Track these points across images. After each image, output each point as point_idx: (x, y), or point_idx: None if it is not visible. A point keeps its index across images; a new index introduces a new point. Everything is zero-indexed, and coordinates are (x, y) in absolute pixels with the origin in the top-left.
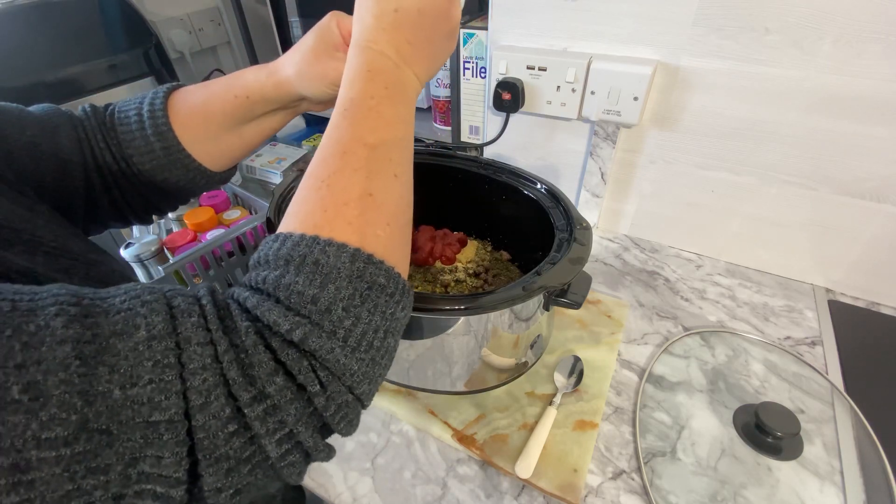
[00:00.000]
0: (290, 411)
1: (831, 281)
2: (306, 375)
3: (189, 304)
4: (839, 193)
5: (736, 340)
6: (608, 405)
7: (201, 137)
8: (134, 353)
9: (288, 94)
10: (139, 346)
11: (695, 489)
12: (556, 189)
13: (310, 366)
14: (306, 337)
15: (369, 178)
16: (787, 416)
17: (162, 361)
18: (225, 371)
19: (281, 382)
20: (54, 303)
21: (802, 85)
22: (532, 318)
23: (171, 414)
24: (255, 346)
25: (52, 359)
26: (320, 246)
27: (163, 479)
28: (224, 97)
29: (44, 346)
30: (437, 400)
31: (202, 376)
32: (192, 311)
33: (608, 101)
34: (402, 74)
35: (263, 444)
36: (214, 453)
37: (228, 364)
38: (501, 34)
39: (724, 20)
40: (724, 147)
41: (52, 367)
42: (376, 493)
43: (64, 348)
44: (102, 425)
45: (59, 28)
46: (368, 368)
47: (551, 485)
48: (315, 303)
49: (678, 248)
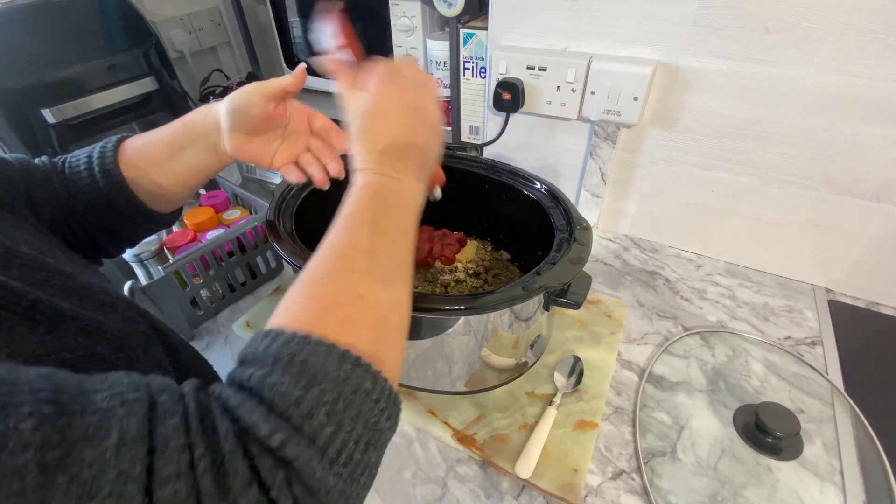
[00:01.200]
0: None
1: (831, 281)
2: (280, 490)
3: (173, 404)
4: (839, 193)
5: (736, 340)
6: (608, 405)
7: (142, 174)
8: (100, 461)
9: (214, 128)
10: (106, 454)
11: (695, 489)
12: (556, 189)
13: (285, 479)
14: (285, 443)
15: (361, 281)
16: (787, 416)
17: (127, 472)
18: (199, 480)
19: (254, 496)
20: (31, 399)
21: (802, 85)
22: (532, 318)
23: None
24: (232, 453)
25: (10, 466)
26: (310, 345)
27: None
28: (164, 130)
29: (5, 451)
30: (437, 400)
31: (174, 486)
32: (174, 412)
33: (608, 101)
34: (402, 185)
35: None
36: None
37: (203, 472)
38: (501, 34)
39: (724, 20)
40: (724, 147)
41: (7, 475)
42: (376, 493)
43: (25, 455)
44: None
45: (59, 28)
46: (346, 486)
47: (551, 485)
48: (298, 405)
49: (678, 248)
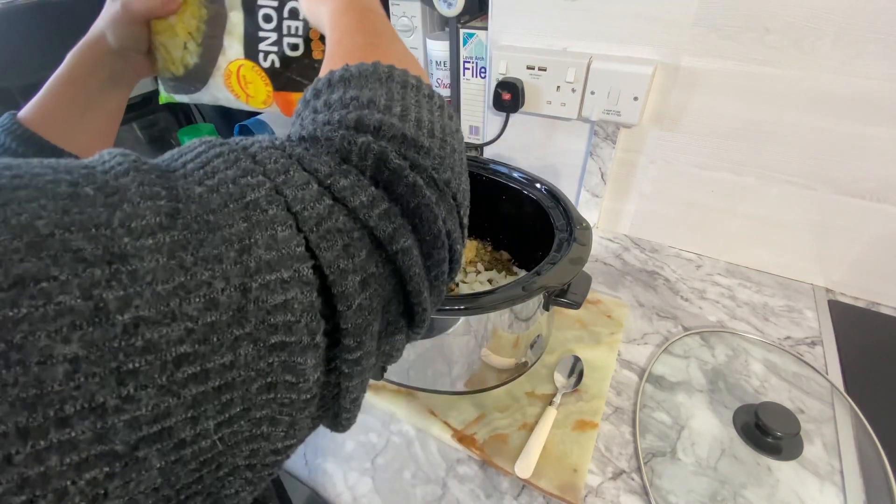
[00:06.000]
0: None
1: (831, 281)
2: (376, 140)
3: None
4: (839, 193)
5: (736, 340)
6: (608, 405)
7: (59, 134)
8: (199, 158)
9: (104, 54)
10: (202, 154)
11: (695, 489)
12: (556, 189)
13: (373, 137)
14: (361, 116)
15: (366, 37)
16: (787, 416)
17: (230, 154)
18: (290, 153)
19: (356, 153)
20: None
21: (802, 85)
22: (532, 318)
23: (266, 189)
24: (313, 133)
25: (118, 164)
26: (340, 69)
27: (284, 259)
28: (60, 91)
29: (106, 162)
30: (437, 400)
31: (272, 158)
32: (242, 138)
33: (608, 101)
34: None
35: (364, 218)
36: (322, 225)
37: (291, 147)
38: (501, 34)
39: (724, 20)
40: (724, 147)
41: (120, 170)
42: (376, 493)
43: (128, 157)
44: (196, 215)
45: (59, 28)
46: (441, 152)
47: (551, 485)
48: (356, 99)
49: (678, 248)
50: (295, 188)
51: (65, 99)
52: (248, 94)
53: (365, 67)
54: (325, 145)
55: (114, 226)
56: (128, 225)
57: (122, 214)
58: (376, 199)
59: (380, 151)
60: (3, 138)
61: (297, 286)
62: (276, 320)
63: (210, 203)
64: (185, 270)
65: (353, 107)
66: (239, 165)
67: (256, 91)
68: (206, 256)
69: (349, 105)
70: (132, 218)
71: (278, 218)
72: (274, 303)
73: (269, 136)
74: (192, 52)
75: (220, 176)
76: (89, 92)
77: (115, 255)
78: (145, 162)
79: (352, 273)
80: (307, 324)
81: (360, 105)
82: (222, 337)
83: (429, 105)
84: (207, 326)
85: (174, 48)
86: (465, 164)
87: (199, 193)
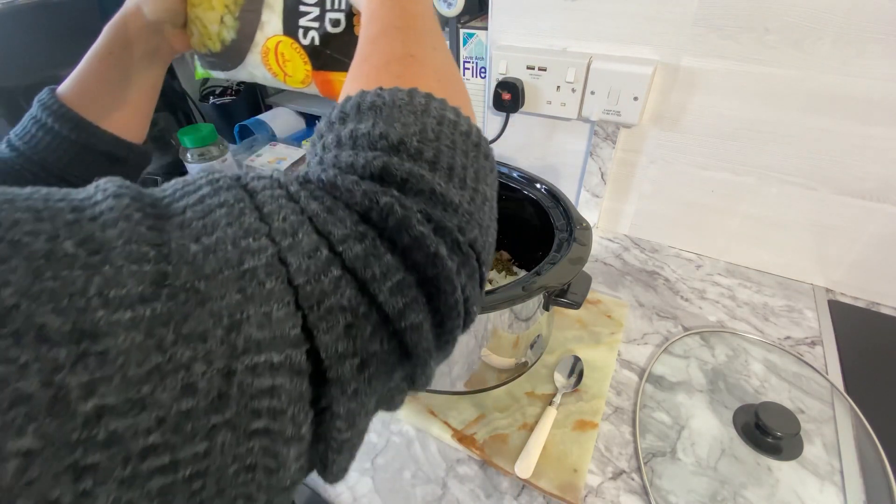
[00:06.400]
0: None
1: (831, 281)
2: (399, 199)
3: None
4: (839, 193)
5: (736, 340)
6: (608, 405)
7: (97, 111)
8: (201, 205)
9: (140, 28)
10: (205, 199)
11: (695, 489)
12: (556, 189)
13: (397, 195)
14: (387, 165)
15: (406, 45)
16: (787, 416)
17: (236, 205)
18: (304, 207)
19: (376, 213)
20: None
21: (802, 85)
22: (532, 318)
23: (268, 256)
24: (333, 180)
25: (108, 210)
26: (371, 94)
27: (277, 341)
28: (97, 68)
29: (98, 204)
30: (437, 400)
31: (281, 214)
32: (255, 177)
33: (608, 101)
34: None
35: (374, 292)
36: (323, 303)
37: (306, 200)
38: (501, 34)
39: (724, 20)
40: (724, 147)
41: (109, 219)
42: (376, 493)
43: (122, 201)
44: (185, 281)
45: (59, 28)
46: (470, 206)
47: (551, 485)
48: (385, 138)
49: (678, 248)
50: (301, 256)
51: (100, 75)
52: (287, 73)
53: (400, 97)
54: (344, 197)
55: (89, 294)
56: (105, 294)
57: (100, 281)
58: (390, 270)
59: (403, 217)
60: (40, 114)
61: (286, 374)
62: (260, 405)
63: (204, 267)
64: (163, 351)
65: (381, 148)
66: (242, 223)
67: (295, 70)
68: (189, 334)
69: (377, 144)
70: (112, 285)
71: (276, 293)
72: (260, 387)
73: (285, 179)
74: (229, 26)
75: (219, 234)
76: (125, 67)
77: (84, 333)
78: (142, 200)
79: (350, 357)
80: (294, 415)
81: (388, 147)
82: (197, 425)
83: (464, 144)
84: (181, 415)
85: (210, 22)
86: (494, 212)
87: (194, 253)
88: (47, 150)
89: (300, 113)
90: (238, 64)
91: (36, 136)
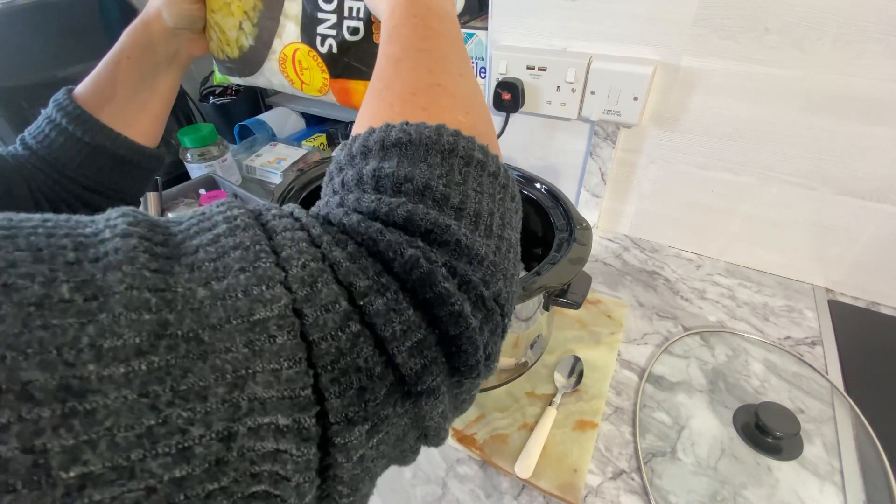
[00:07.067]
0: None
1: (831, 281)
2: (425, 252)
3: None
4: (839, 193)
5: (736, 340)
6: (608, 405)
7: (113, 113)
8: (215, 245)
9: (159, 33)
10: (220, 239)
11: (695, 489)
12: (556, 189)
13: (422, 246)
14: (412, 214)
15: (432, 73)
16: (787, 416)
17: (251, 248)
18: (326, 253)
19: (399, 264)
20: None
21: (802, 85)
22: (532, 318)
23: (280, 307)
24: (356, 227)
25: (113, 252)
26: (396, 129)
27: (284, 403)
28: (114, 71)
29: (104, 243)
30: None
31: (301, 260)
32: (275, 214)
33: (608, 101)
34: None
35: (392, 352)
36: (339, 363)
37: (328, 246)
38: (501, 34)
39: (724, 20)
40: (724, 147)
41: (113, 261)
42: (376, 492)
43: (129, 241)
44: (188, 330)
45: (59, 28)
46: (496, 257)
47: (551, 485)
48: (410, 181)
49: (678, 248)
50: (318, 308)
51: (118, 78)
52: (304, 81)
53: (427, 136)
54: (367, 244)
55: (81, 346)
56: (98, 346)
57: (94, 330)
58: (411, 329)
59: (428, 271)
60: (55, 114)
61: (293, 439)
62: (261, 469)
63: (210, 316)
64: (157, 413)
65: (405, 191)
66: (257, 269)
67: (312, 78)
68: (187, 392)
69: (401, 188)
70: (106, 335)
71: (287, 349)
72: (263, 451)
73: (307, 220)
74: (248, 33)
75: (230, 280)
76: (143, 71)
77: (71, 392)
78: (152, 239)
79: (360, 423)
80: (298, 484)
81: (413, 191)
82: (190, 494)
83: (491, 187)
84: (174, 484)
85: (229, 28)
86: (518, 256)
87: (201, 299)
88: (60, 150)
89: (300, 113)
90: (255, 70)
91: (49, 136)
